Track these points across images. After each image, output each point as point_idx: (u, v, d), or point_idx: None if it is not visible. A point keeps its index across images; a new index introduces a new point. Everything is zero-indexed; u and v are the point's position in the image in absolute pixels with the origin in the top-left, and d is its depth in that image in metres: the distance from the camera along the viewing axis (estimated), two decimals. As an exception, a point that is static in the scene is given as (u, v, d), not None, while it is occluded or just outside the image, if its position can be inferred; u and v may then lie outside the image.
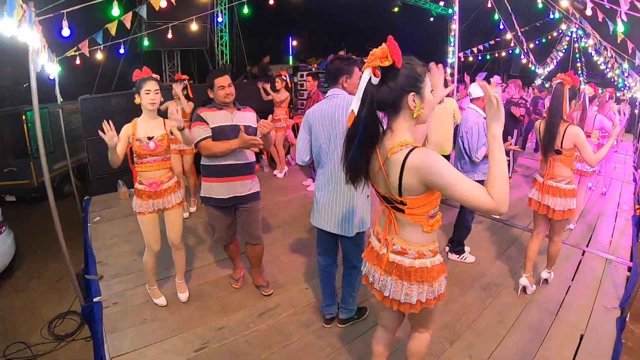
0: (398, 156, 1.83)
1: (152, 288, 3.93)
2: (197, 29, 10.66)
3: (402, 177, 1.82)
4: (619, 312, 3.71)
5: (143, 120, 3.54)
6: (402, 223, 1.99)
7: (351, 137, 1.91)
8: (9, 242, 7.24)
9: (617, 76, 17.21)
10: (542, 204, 3.80)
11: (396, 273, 1.99)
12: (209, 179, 3.71)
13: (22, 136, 10.43)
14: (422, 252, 1.98)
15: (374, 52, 1.81)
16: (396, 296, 2.01)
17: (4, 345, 5.41)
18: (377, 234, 2.16)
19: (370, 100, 1.81)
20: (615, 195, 7.49)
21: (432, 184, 1.77)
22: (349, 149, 1.93)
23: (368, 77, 1.81)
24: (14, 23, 3.26)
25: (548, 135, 3.69)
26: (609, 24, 6.15)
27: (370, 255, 2.17)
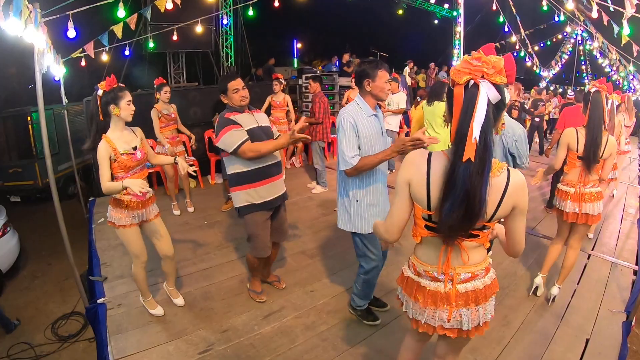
0: (500, 179, 1.73)
1: (147, 300, 3.80)
2: (202, 31, 10.70)
3: (503, 199, 1.73)
4: (624, 316, 3.68)
5: (116, 132, 3.32)
6: (470, 249, 1.86)
7: (476, 172, 1.64)
8: (14, 243, 7.27)
9: (623, 79, 17.16)
10: (582, 213, 3.70)
11: (472, 300, 1.86)
12: (251, 185, 3.54)
13: (27, 137, 10.49)
14: (487, 266, 1.93)
15: (487, 64, 1.62)
16: (474, 323, 1.90)
17: (8, 345, 5.43)
18: (428, 273, 1.94)
19: (491, 122, 1.63)
20: (621, 199, 7.46)
21: (519, 205, 1.74)
22: (476, 188, 1.65)
23: (487, 95, 1.62)
24: (19, 24, 3.27)
25: (594, 147, 3.57)
26: (614, 26, 6.13)
27: (431, 300, 1.92)
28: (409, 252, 2.16)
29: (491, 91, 1.61)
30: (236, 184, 3.58)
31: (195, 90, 9.12)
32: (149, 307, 3.78)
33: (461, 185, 1.65)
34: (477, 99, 1.61)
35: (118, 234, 3.46)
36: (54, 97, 6.80)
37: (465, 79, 1.64)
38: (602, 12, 6.04)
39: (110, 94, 3.24)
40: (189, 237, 5.42)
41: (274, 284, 4.16)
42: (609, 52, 9.70)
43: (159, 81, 6.13)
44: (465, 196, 1.65)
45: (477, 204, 1.65)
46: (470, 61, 1.65)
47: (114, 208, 3.39)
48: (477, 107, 1.60)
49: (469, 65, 1.64)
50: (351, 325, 3.58)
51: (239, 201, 3.61)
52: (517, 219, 1.76)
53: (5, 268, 7.00)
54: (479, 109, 1.60)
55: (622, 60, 9.77)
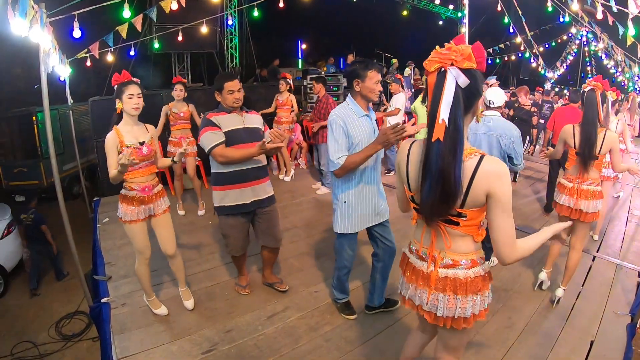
0: (469, 164, 1.75)
1: (151, 299, 3.81)
2: (207, 31, 10.73)
3: (472, 185, 1.74)
4: (629, 319, 3.67)
5: (126, 126, 3.39)
6: (453, 236, 1.89)
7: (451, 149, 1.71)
8: (18, 242, 7.32)
9: (628, 80, 17.11)
10: (575, 209, 3.76)
11: (450, 288, 1.88)
12: (227, 187, 3.59)
13: (32, 137, 10.56)
14: (475, 260, 1.91)
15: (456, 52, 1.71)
16: (450, 313, 1.90)
17: (12, 344, 5.45)
18: (418, 252, 2.02)
19: (461, 105, 1.71)
20: (627, 200, 7.43)
21: (497, 195, 1.73)
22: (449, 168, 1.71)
23: (454, 79, 1.70)
24: (25, 24, 3.28)
25: (587, 144, 3.65)
26: (619, 27, 6.10)
27: (415, 277, 2.01)
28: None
29: (460, 77, 1.69)
30: (215, 183, 3.67)
31: (200, 90, 9.15)
32: (152, 306, 3.79)
33: (434, 165, 1.74)
34: (444, 83, 1.71)
35: (125, 229, 3.51)
36: (59, 97, 6.83)
37: (435, 67, 1.75)
38: (607, 12, 6.02)
39: (117, 89, 3.34)
40: (194, 237, 5.43)
41: (275, 286, 4.14)
42: (614, 53, 9.67)
43: (174, 80, 6.20)
44: (439, 176, 1.73)
45: (452, 183, 1.71)
46: (440, 51, 1.75)
47: (121, 203, 3.43)
48: (445, 90, 1.70)
49: (438, 55, 1.74)
50: (355, 326, 3.58)
51: (215, 200, 3.69)
52: (494, 212, 1.74)
53: (10, 267, 7.05)
54: (446, 92, 1.69)
55: (627, 62, 9.72)
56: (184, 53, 13.01)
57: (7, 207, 7.56)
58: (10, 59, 10.91)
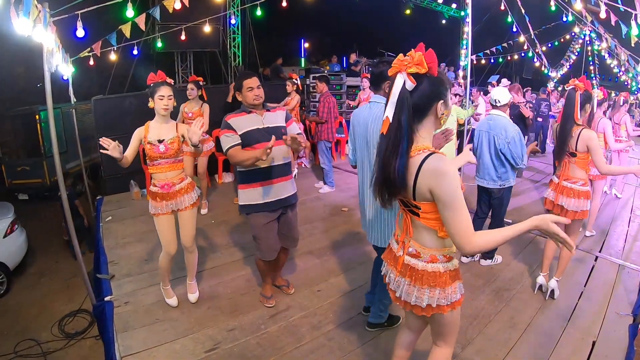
0: (415, 160, 1.86)
1: (166, 288, 3.93)
2: (210, 30, 10.74)
3: (417, 180, 1.84)
4: (631, 319, 3.66)
5: (156, 123, 3.56)
6: (417, 226, 2.01)
7: (392, 143, 1.89)
8: (22, 240, 7.34)
9: (631, 79, 17.06)
10: (557, 204, 3.87)
11: (409, 275, 2.01)
12: (252, 185, 3.55)
13: (35, 135, 10.59)
14: (435, 256, 1.97)
15: (409, 58, 1.86)
16: (408, 298, 2.03)
17: (15, 342, 5.47)
18: (397, 235, 2.18)
19: (407, 105, 1.85)
20: (629, 200, 7.41)
21: (436, 193, 1.79)
22: (389, 159, 1.90)
23: (402, 82, 1.86)
24: (29, 23, 3.29)
25: (560, 139, 3.81)
26: (622, 26, 6.09)
27: (389, 256, 2.21)
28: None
29: (407, 80, 1.84)
30: (240, 182, 3.63)
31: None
32: (165, 295, 3.94)
33: (379, 154, 1.97)
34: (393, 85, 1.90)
35: (154, 222, 3.67)
36: (63, 96, 6.85)
37: (393, 72, 1.92)
38: (611, 12, 6.01)
39: (151, 88, 3.49)
40: (197, 235, 5.42)
41: (282, 289, 4.14)
42: (617, 53, 9.64)
43: (192, 78, 6.28)
44: (381, 165, 1.94)
45: (391, 172, 1.88)
46: (399, 58, 1.91)
47: (150, 199, 3.62)
48: (392, 92, 1.89)
49: (398, 61, 1.89)
50: (358, 325, 3.58)
51: (241, 199, 3.65)
52: (440, 208, 1.82)
53: (13, 265, 7.06)
54: (393, 93, 1.88)
55: (630, 61, 9.70)
56: (186, 52, 13.03)
57: (10, 205, 7.58)
58: (13, 57, 10.92)
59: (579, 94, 3.69)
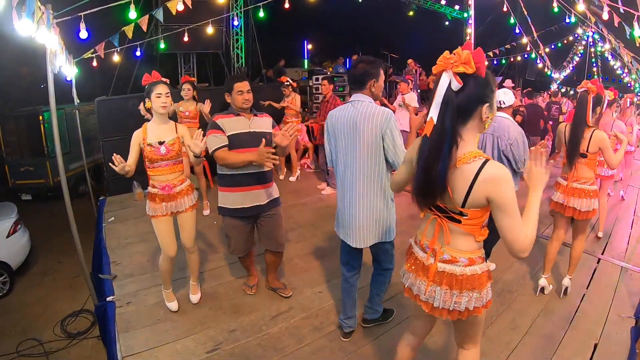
0: (471, 167, 1.80)
1: (167, 291, 3.89)
2: (213, 32, 10.74)
3: (472, 189, 1.80)
4: (633, 321, 3.66)
5: (154, 124, 3.52)
6: (454, 233, 1.95)
7: (435, 146, 1.83)
8: (25, 240, 7.36)
9: (634, 81, 17.04)
10: (568, 206, 3.87)
11: (447, 282, 1.94)
12: (228, 189, 3.63)
13: (38, 136, 10.62)
14: (472, 258, 1.95)
15: (455, 56, 1.78)
16: (445, 305, 1.96)
17: (17, 341, 5.48)
18: (421, 243, 2.10)
19: (452, 106, 1.78)
20: (631, 202, 7.39)
21: (494, 199, 1.77)
22: (432, 162, 1.84)
23: (448, 82, 1.79)
24: (32, 25, 3.31)
25: (572, 142, 3.80)
26: (625, 28, 6.08)
27: (415, 267, 2.10)
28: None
29: (453, 80, 1.77)
30: (219, 183, 3.72)
31: (205, 90, 9.16)
32: (166, 298, 3.89)
33: (421, 157, 1.92)
34: (437, 84, 1.83)
35: (152, 224, 3.61)
36: (66, 97, 6.86)
37: (437, 70, 1.84)
38: (614, 13, 6.00)
39: (147, 88, 3.44)
40: (198, 237, 5.42)
41: (278, 292, 4.11)
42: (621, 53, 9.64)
43: (182, 79, 6.27)
44: (423, 168, 1.89)
45: (433, 178, 1.83)
46: (444, 56, 1.83)
47: (149, 200, 3.57)
48: (437, 91, 1.82)
49: (443, 59, 1.82)
50: (359, 326, 3.56)
51: (219, 200, 3.72)
52: (498, 215, 1.79)
53: (16, 265, 7.08)
54: (437, 93, 1.81)
55: (633, 62, 9.68)
56: (189, 53, 13.04)
57: (13, 205, 7.60)
58: (17, 58, 10.95)
59: (591, 96, 3.71)
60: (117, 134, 6.89)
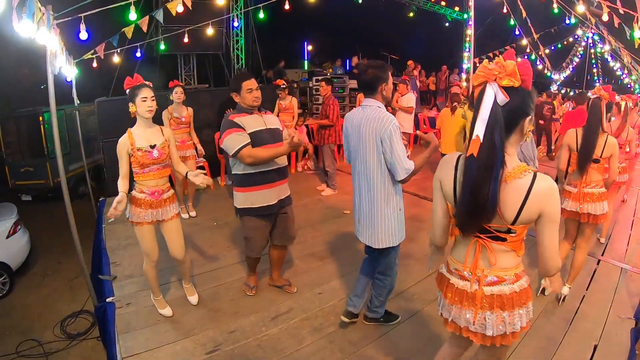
0: (523, 181, 1.73)
1: (157, 298, 3.83)
2: (213, 33, 10.75)
3: (525, 204, 1.72)
4: (633, 323, 3.65)
5: (139, 129, 3.42)
6: (498, 252, 1.87)
7: (484, 167, 1.71)
8: (25, 241, 7.36)
9: (634, 82, 17.05)
10: (583, 213, 3.84)
11: (497, 305, 1.85)
12: (253, 188, 3.56)
13: (38, 137, 10.61)
14: (518, 273, 1.90)
15: (498, 68, 1.69)
16: (499, 331, 1.87)
17: (17, 342, 5.48)
18: (458, 271, 1.97)
19: (500, 122, 1.68)
20: (631, 204, 7.39)
21: (546, 213, 1.72)
22: (482, 184, 1.71)
23: (494, 96, 1.69)
24: (32, 26, 3.31)
25: (586, 149, 3.76)
26: (625, 29, 6.09)
27: (458, 298, 1.95)
28: (416, 256, 2.19)
29: (499, 93, 1.67)
30: (239, 184, 3.62)
31: (206, 92, 9.19)
32: (158, 306, 3.81)
33: (468, 179, 1.76)
34: (482, 99, 1.70)
35: (133, 230, 3.53)
36: (66, 98, 6.86)
37: (478, 82, 1.74)
38: (614, 14, 6.01)
39: (129, 92, 3.36)
40: (198, 238, 5.45)
41: (284, 288, 4.15)
42: (621, 54, 9.65)
43: (173, 83, 6.14)
44: (471, 190, 1.74)
45: (483, 200, 1.71)
46: (486, 66, 1.72)
47: (131, 205, 3.45)
48: (482, 106, 1.69)
49: (484, 69, 1.72)
50: (359, 327, 3.57)
51: (238, 202, 3.65)
52: (545, 228, 1.75)
53: (16, 266, 7.08)
54: (483, 108, 1.69)
55: (633, 63, 9.70)
56: (190, 54, 13.06)
57: (13, 206, 7.60)
58: (17, 58, 10.97)
59: (604, 103, 3.70)
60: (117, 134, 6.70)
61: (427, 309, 3.83)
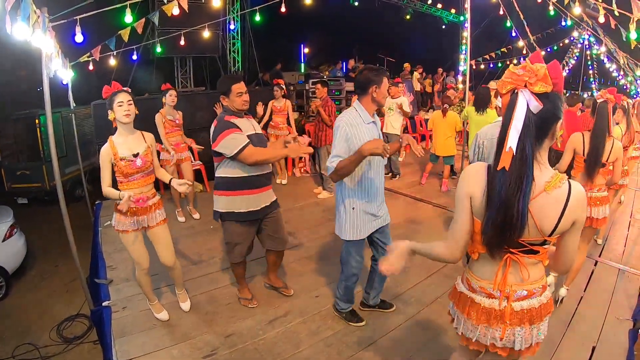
0: (562, 190, 1.66)
1: (153, 304, 3.80)
2: (210, 36, 10.72)
3: (564, 213, 1.66)
4: (631, 324, 3.66)
5: (120, 137, 3.34)
6: (528, 265, 1.80)
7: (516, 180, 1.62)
8: (21, 244, 7.33)
9: (630, 83, 17.10)
10: (587, 217, 3.80)
11: (528, 319, 1.80)
12: (237, 192, 3.51)
13: (35, 140, 10.60)
14: (544, 284, 1.86)
15: (529, 73, 1.60)
16: (527, 344, 1.82)
17: (14, 346, 5.46)
18: (483, 289, 1.87)
19: (532, 131, 1.60)
20: (629, 205, 7.39)
21: (579, 220, 1.69)
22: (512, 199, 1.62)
23: (526, 104, 1.60)
24: (27, 28, 3.29)
25: (595, 153, 3.71)
26: (621, 31, 6.10)
27: (485, 318, 1.85)
28: (413, 260, 2.17)
29: (531, 100, 1.59)
30: (222, 188, 3.56)
31: (202, 94, 9.17)
32: (154, 310, 3.79)
33: (497, 194, 1.66)
34: (514, 108, 1.61)
35: (120, 238, 3.47)
36: (62, 101, 6.85)
37: (507, 89, 1.67)
38: (610, 16, 6.02)
39: (108, 100, 3.30)
40: (194, 241, 5.43)
41: (281, 290, 4.14)
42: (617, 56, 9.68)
43: (165, 86, 6.09)
44: (501, 206, 1.65)
45: (514, 215, 1.63)
46: (514, 71, 1.65)
47: (115, 212, 3.39)
48: (514, 116, 1.60)
49: (512, 75, 1.65)
50: (356, 331, 3.57)
51: (220, 205, 3.58)
52: (574, 234, 1.73)
53: (12, 269, 7.05)
54: (516, 118, 1.59)
55: (630, 65, 9.71)
56: (186, 57, 13.03)
57: (9, 209, 7.57)
58: (13, 61, 10.95)
59: (610, 106, 3.69)
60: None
61: (424, 312, 3.83)
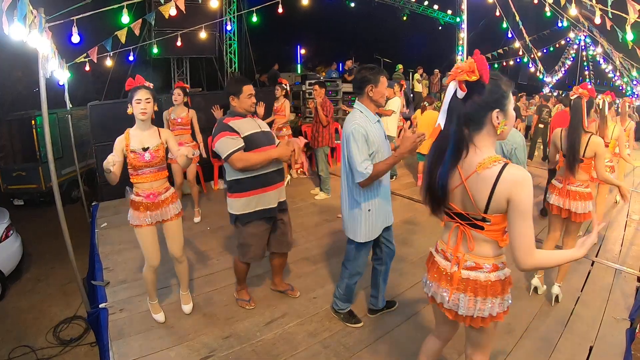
0: (491, 171, 1.81)
1: (153, 302, 3.80)
2: (206, 37, 10.75)
3: (494, 192, 1.80)
4: (628, 323, 3.67)
5: (136, 130, 3.40)
6: (477, 239, 1.96)
7: (438, 152, 1.93)
8: (17, 246, 7.30)
9: (626, 84, 17.17)
10: (564, 209, 3.89)
11: (471, 289, 1.95)
12: (251, 192, 3.48)
13: (31, 141, 10.59)
14: (497, 264, 1.96)
15: (460, 65, 1.83)
16: (469, 312, 1.97)
17: (10, 348, 5.44)
18: (443, 252, 2.10)
19: (457, 114, 1.86)
20: (625, 205, 7.41)
21: (513, 200, 1.77)
22: (434, 167, 1.94)
23: (453, 91, 1.87)
24: (24, 29, 3.28)
25: (571, 149, 3.79)
26: (617, 32, 6.12)
27: (438, 276, 2.08)
28: (410, 259, 2.21)
29: (457, 89, 1.85)
30: (234, 190, 3.55)
31: (199, 95, 9.15)
32: (152, 310, 3.79)
33: (428, 163, 2.02)
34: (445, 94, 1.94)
35: (135, 233, 3.51)
36: (59, 102, 6.83)
37: (448, 81, 1.93)
38: (605, 17, 6.04)
39: (129, 94, 3.37)
40: (192, 242, 5.42)
41: (287, 293, 4.13)
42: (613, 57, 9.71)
43: (177, 84, 6.14)
44: (427, 172, 2.00)
45: (436, 181, 1.93)
46: (456, 65, 1.88)
47: (132, 209, 3.45)
48: (443, 100, 1.93)
49: (453, 69, 1.89)
50: (354, 332, 3.57)
51: (235, 208, 3.57)
52: (512, 217, 1.80)
53: (8, 271, 7.02)
54: (444, 102, 1.92)
55: (625, 66, 9.75)
56: (183, 58, 13.04)
57: (5, 210, 7.54)
58: (10, 62, 10.93)
59: (584, 101, 3.73)
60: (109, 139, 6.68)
61: (422, 312, 3.83)
